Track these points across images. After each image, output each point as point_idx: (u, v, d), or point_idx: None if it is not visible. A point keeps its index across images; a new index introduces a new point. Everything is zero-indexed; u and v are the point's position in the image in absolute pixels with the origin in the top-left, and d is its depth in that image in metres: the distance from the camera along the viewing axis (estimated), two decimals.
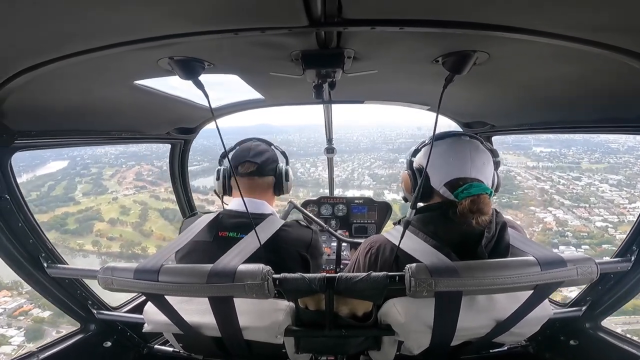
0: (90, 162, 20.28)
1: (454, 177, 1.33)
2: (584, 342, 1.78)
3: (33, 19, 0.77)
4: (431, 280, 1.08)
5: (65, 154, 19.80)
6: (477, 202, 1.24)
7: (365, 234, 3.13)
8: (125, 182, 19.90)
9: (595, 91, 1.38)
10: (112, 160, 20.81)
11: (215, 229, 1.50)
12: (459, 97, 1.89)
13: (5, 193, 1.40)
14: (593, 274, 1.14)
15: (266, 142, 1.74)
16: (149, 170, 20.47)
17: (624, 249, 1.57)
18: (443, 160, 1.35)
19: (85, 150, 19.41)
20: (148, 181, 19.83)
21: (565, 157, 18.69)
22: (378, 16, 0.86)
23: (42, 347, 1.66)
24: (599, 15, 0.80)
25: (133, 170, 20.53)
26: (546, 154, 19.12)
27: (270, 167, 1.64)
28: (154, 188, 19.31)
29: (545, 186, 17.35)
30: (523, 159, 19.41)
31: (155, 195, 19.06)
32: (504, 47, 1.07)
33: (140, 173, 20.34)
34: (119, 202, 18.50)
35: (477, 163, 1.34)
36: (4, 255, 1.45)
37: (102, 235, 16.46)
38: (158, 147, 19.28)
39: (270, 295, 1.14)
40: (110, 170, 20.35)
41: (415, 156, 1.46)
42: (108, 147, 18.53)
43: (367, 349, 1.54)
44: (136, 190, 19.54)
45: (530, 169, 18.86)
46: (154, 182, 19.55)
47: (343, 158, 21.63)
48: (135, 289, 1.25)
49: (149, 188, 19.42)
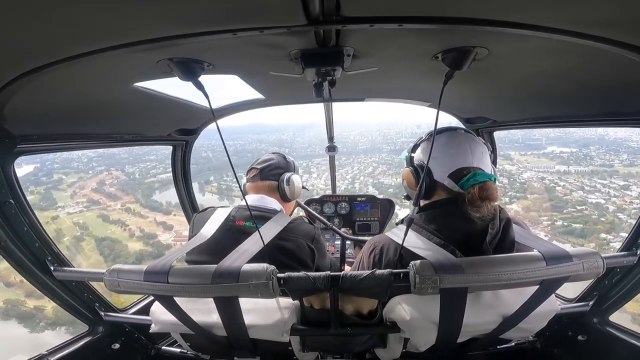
0: (57, 167, 17.19)
1: (458, 167, 1.33)
2: (592, 337, 1.76)
3: (32, 22, 0.78)
4: (436, 277, 1.07)
5: (38, 157, 15.90)
6: (485, 188, 1.25)
7: (368, 232, 3.13)
8: (79, 195, 16.79)
9: (595, 85, 1.37)
10: (82, 165, 18.13)
11: (232, 219, 1.62)
12: (460, 92, 1.88)
13: (10, 198, 1.41)
14: (599, 269, 1.14)
15: (280, 154, 1.93)
16: (115, 179, 18.05)
17: (629, 243, 1.55)
18: (444, 152, 1.35)
19: (61, 153, 16.14)
20: (106, 193, 17.04)
21: (592, 158, 16.19)
22: (377, 13, 0.86)
23: (51, 350, 1.68)
24: (599, 9, 0.79)
25: (97, 178, 17.69)
26: (568, 155, 16.79)
27: (272, 172, 1.81)
28: (109, 203, 16.56)
29: (598, 200, 13.59)
30: (545, 160, 17.19)
31: (105, 214, 15.97)
32: (503, 42, 1.06)
33: (102, 182, 17.50)
34: (56, 224, 14.35)
35: (477, 153, 1.35)
36: (12, 259, 1.47)
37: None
38: (140, 149, 17.73)
39: (275, 294, 1.14)
40: (74, 177, 17.32)
41: (415, 152, 1.46)
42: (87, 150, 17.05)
43: (373, 346, 1.55)
44: (85, 207, 16.22)
45: (562, 174, 15.87)
46: (112, 195, 17.01)
47: (341, 162, 19.66)
48: (144, 291, 1.27)
49: (102, 203, 16.47)
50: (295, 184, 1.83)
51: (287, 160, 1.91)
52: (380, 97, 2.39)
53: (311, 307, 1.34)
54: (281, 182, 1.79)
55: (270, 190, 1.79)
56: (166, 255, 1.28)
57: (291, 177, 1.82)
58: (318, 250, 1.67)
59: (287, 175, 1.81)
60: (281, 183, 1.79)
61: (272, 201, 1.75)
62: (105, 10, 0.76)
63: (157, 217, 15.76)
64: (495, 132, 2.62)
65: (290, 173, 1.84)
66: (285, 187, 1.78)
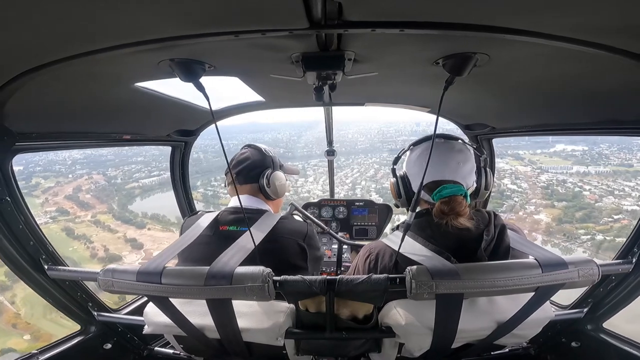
0: (39, 169, 15.81)
1: (429, 181, 1.36)
2: (585, 343, 1.77)
3: (34, 21, 0.78)
4: (432, 283, 1.08)
5: (24, 159, 15.37)
6: (450, 203, 1.27)
7: (365, 236, 3.13)
8: (51, 202, 15.35)
9: (595, 93, 1.38)
10: (64, 168, 16.58)
11: (216, 224, 1.56)
12: (460, 99, 1.90)
13: (7, 195, 1.40)
14: (594, 276, 1.14)
15: (256, 147, 1.78)
16: (93, 184, 16.46)
17: (625, 251, 1.56)
18: (418, 164, 1.40)
19: (47, 155, 15.30)
20: (79, 202, 15.56)
21: (607, 157, 14.82)
22: (378, 18, 0.87)
23: (42, 349, 1.66)
24: (599, 17, 0.80)
25: (75, 183, 16.23)
26: (581, 154, 15.35)
27: (250, 174, 1.70)
28: (79, 214, 14.99)
29: (633, 206, 12.02)
30: (559, 160, 15.77)
31: (71, 228, 14.22)
32: (504, 49, 1.07)
33: (79, 188, 16.04)
34: None
35: (451, 164, 1.37)
36: (5, 257, 1.45)
37: None
38: (129, 150, 16.36)
39: (270, 297, 1.14)
40: (52, 181, 15.91)
41: (397, 164, 1.53)
42: (74, 151, 14.82)
43: (368, 351, 1.54)
44: (52, 218, 14.64)
45: (583, 176, 14.41)
46: (85, 203, 15.41)
47: (340, 163, 18.29)
48: (137, 292, 1.25)
49: (72, 213, 14.88)
50: (277, 182, 1.71)
51: (265, 154, 1.75)
52: (380, 102, 2.40)
53: (306, 310, 1.34)
54: (261, 183, 1.68)
55: (253, 191, 1.70)
56: (158, 256, 1.28)
57: (271, 176, 1.70)
58: (310, 247, 1.62)
59: (267, 173, 1.69)
60: (261, 183, 1.68)
61: (258, 201, 1.69)
62: (109, 10, 0.76)
63: (128, 231, 14.22)
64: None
65: (269, 170, 1.71)
66: (266, 188, 1.68)
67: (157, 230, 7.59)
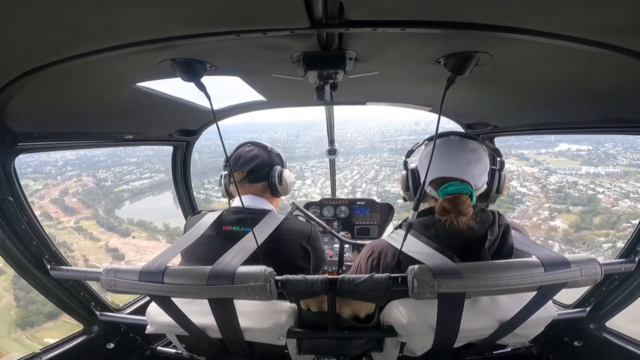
0: (30, 171, 14.72)
1: (437, 177, 1.35)
2: (588, 343, 1.76)
3: (35, 21, 0.78)
4: (434, 282, 1.07)
5: (17, 161, 13.36)
6: (454, 201, 1.25)
7: (367, 236, 3.12)
8: (35, 206, 12.10)
9: (598, 91, 1.38)
10: (55, 169, 15.65)
11: (219, 224, 1.55)
12: (461, 98, 1.89)
13: (9, 195, 1.41)
14: (597, 275, 1.14)
15: (260, 145, 1.77)
16: (82, 186, 15.61)
17: (628, 250, 1.56)
18: (429, 160, 1.37)
19: (39, 156, 14.80)
20: (64, 206, 14.50)
21: (614, 157, 14.19)
22: (380, 17, 0.86)
23: (45, 349, 1.67)
24: (601, 15, 0.80)
25: (63, 185, 15.17)
26: (587, 153, 14.62)
27: (261, 172, 1.68)
28: (63, 219, 14.00)
29: None
30: (565, 160, 15.00)
31: (52, 235, 10.27)
32: (505, 48, 1.07)
33: (66, 191, 14.97)
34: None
35: (461, 162, 1.35)
36: (8, 257, 1.46)
37: None
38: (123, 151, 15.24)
39: (272, 296, 1.14)
40: (40, 183, 14.96)
41: (409, 157, 1.51)
42: (66, 152, 14.15)
43: (370, 350, 1.54)
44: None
45: (593, 177, 13.48)
46: (70, 208, 14.44)
47: (338, 164, 17.01)
48: (140, 291, 1.26)
49: (55, 219, 13.87)
50: (288, 180, 1.73)
51: (270, 152, 1.76)
52: (381, 101, 2.39)
53: (308, 309, 1.34)
54: (272, 181, 1.68)
55: (260, 190, 1.70)
56: (160, 255, 1.28)
57: (282, 173, 1.70)
58: (313, 248, 1.61)
59: (277, 171, 1.69)
60: (272, 182, 1.68)
61: (263, 201, 1.68)
62: (110, 10, 0.76)
63: (111, 240, 13.34)
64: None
65: (279, 168, 1.71)
66: (278, 187, 1.68)
67: (141, 239, 6.96)
